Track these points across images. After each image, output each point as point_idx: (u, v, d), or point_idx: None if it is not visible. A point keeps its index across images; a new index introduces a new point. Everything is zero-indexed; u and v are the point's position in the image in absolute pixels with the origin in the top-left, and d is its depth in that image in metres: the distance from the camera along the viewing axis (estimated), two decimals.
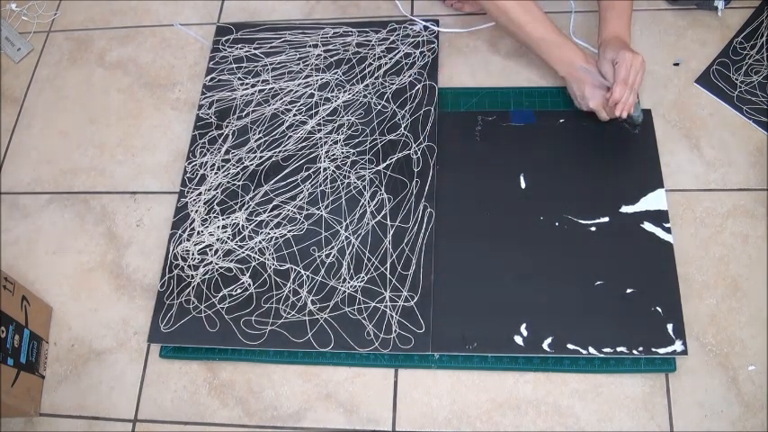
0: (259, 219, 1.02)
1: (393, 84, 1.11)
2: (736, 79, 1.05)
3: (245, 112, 1.12)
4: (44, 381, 0.98)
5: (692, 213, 0.97)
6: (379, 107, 1.09)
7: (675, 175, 1.00)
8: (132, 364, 0.97)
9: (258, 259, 0.98)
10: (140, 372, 0.96)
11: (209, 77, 1.16)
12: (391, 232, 0.98)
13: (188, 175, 1.07)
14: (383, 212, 1.00)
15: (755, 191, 0.98)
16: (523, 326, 0.90)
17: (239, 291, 0.97)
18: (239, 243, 1.00)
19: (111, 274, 1.04)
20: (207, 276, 0.98)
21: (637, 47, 1.11)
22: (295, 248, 0.99)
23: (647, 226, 0.95)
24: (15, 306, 0.94)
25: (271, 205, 1.03)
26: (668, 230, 0.94)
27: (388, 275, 0.95)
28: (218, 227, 1.02)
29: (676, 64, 1.08)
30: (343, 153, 1.05)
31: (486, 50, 1.15)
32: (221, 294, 0.96)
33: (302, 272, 0.97)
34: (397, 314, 0.92)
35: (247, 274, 0.98)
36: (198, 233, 1.02)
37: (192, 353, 0.95)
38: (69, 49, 1.27)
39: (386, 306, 0.93)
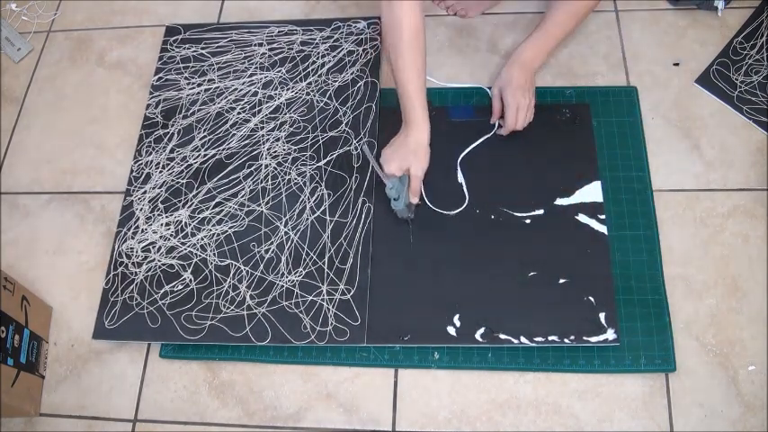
0: (201, 216, 1.02)
1: (336, 81, 1.11)
2: (736, 79, 1.05)
3: (190, 111, 1.12)
4: (44, 381, 0.98)
5: (692, 213, 0.97)
6: (322, 104, 1.09)
7: (676, 175, 1.00)
8: (132, 364, 0.97)
9: (200, 256, 0.99)
10: (140, 372, 0.96)
11: (156, 77, 1.17)
12: (330, 227, 0.99)
13: (134, 174, 1.08)
14: (323, 208, 1.00)
15: (755, 191, 0.98)
16: (456, 317, 0.91)
17: (181, 287, 0.97)
18: (182, 240, 1.01)
19: None
20: (150, 273, 0.99)
21: (637, 47, 1.10)
22: (236, 244, 0.99)
23: (582, 218, 0.96)
24: (15, 306, 0.94)
25: (213, 202, 1.03)
26: (603, 222, 0.95)
27: (326, 269, 0.96)
28: (162, 224, 1.02)
29: (676, 64, 1.08)
30: (284, 150, 1.05)
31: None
32: (163, 290, 0.97)
33: (242, 267, 0.97)
34: (333, 307, 0.93)
35: (189, 271, 0.98)
36: (142, 231, 1.02)
37: (192, 352, 0.95)
38: (69, 49, 1.27)
39: (323, 299, 0.94)
